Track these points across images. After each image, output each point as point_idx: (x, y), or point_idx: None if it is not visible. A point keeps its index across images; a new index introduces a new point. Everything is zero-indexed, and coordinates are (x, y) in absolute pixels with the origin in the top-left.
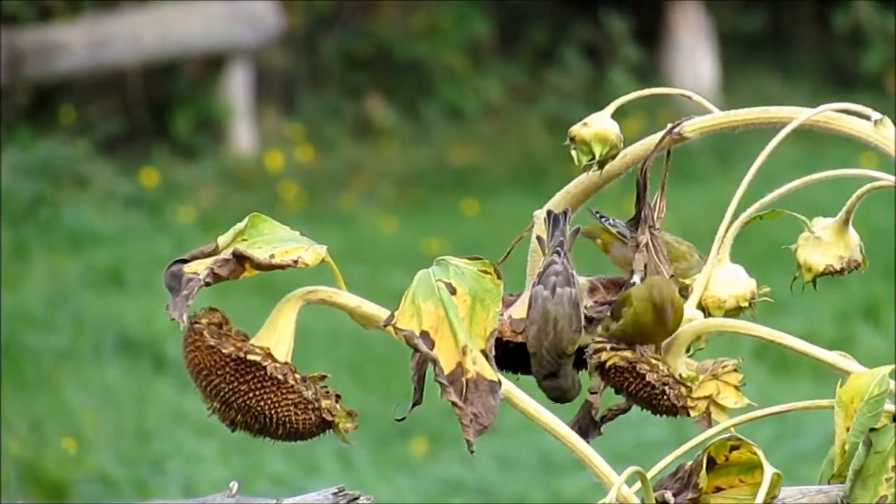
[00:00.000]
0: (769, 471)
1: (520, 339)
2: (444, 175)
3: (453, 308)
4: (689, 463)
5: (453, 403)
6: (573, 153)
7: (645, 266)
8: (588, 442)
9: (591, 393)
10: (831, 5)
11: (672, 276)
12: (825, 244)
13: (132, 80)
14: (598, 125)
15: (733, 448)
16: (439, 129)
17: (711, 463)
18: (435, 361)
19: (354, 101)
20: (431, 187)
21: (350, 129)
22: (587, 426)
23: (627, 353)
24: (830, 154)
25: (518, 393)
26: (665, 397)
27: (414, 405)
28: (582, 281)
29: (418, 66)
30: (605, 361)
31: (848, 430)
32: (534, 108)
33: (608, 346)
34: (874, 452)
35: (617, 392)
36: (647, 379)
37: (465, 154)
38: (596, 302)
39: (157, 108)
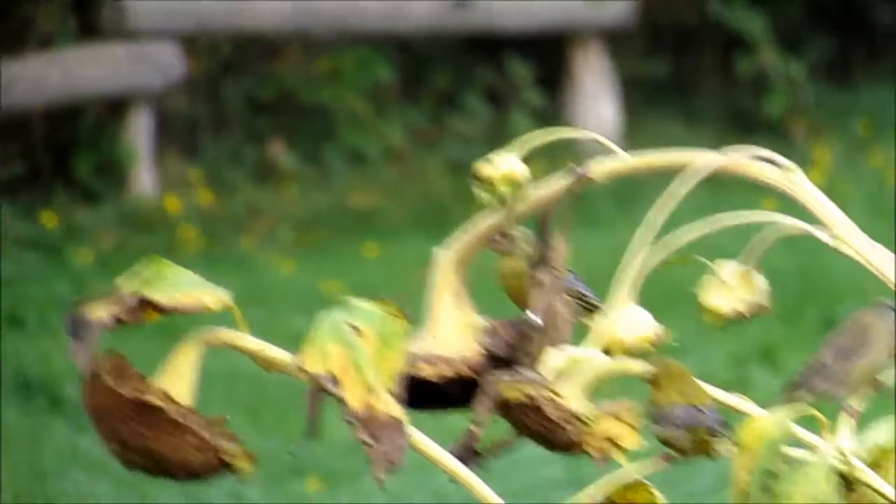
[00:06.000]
0: None
1: (412, 372)
2: (344, 218)
3: (360, 349)
4: None
5: (364, 442)
6: (476, 192)
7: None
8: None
9: (475, 425)
10: (735, 51)
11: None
12: (729, 288)
13: (34, 123)
14: (505, 165)
15: (632, 490)
16: (341, 172)
17: None
18: (344, 402)
19: (256, 145)
20: (332, 230)
21: (251, 173)
22: (466, 455)
23: (529, 389)
24: (732, 198)
25: (415, 433)
26: (564, 433)
27: (309, 432)
28: (482, 323)
29: (321, 110)
30: (506, 396)
31: (749, 472)
32: (435, 151)
33: (508, 380)
34: (776, 498)
35: (515, 426)
36: (547, 414)
37: (366, 198)
38: (494, 341)
39: (59, 151)
